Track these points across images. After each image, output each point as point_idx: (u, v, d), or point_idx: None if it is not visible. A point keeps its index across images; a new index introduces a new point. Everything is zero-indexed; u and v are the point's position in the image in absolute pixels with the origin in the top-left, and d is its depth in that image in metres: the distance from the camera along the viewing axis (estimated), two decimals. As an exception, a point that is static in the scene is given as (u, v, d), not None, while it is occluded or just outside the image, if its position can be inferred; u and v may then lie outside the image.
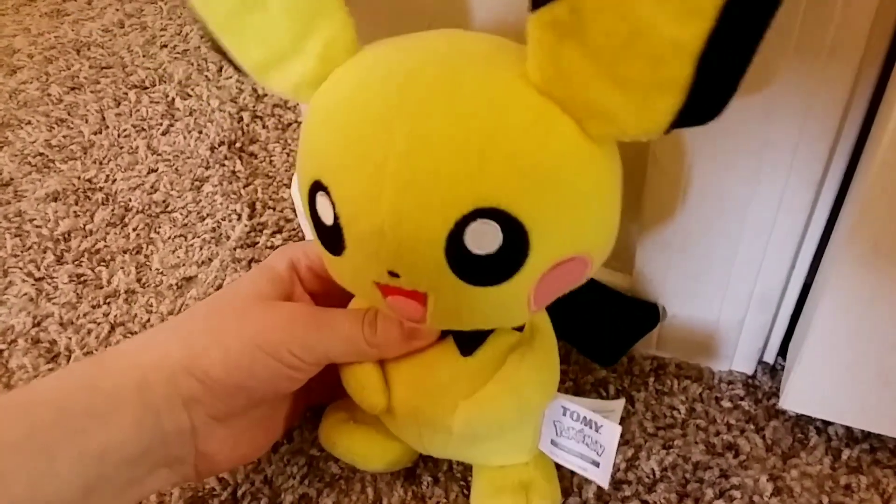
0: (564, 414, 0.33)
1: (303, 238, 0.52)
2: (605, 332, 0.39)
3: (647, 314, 0.39)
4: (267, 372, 0.31)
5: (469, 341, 0.31)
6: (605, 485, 0.32)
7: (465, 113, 0.24)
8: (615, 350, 0.39)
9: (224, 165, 0.58)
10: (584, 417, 0.32)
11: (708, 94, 0.22)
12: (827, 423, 0.39)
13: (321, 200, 0.27)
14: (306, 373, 0.32)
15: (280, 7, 0.27)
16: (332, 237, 0.27)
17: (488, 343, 0.31)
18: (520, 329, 0.32)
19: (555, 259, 0.26)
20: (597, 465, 0.32)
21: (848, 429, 0.39)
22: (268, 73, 0.28)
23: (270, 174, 0.57)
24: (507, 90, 0.25)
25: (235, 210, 0.54)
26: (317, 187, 0.27)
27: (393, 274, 0.26)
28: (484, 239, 0.25)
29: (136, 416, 0.29)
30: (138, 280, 0.50)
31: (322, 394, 0.39)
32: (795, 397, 0.37)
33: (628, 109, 0.23)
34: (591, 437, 0.32)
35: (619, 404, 0.34)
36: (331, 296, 0.34)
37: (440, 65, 0.26)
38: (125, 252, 0.52)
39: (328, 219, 0.27)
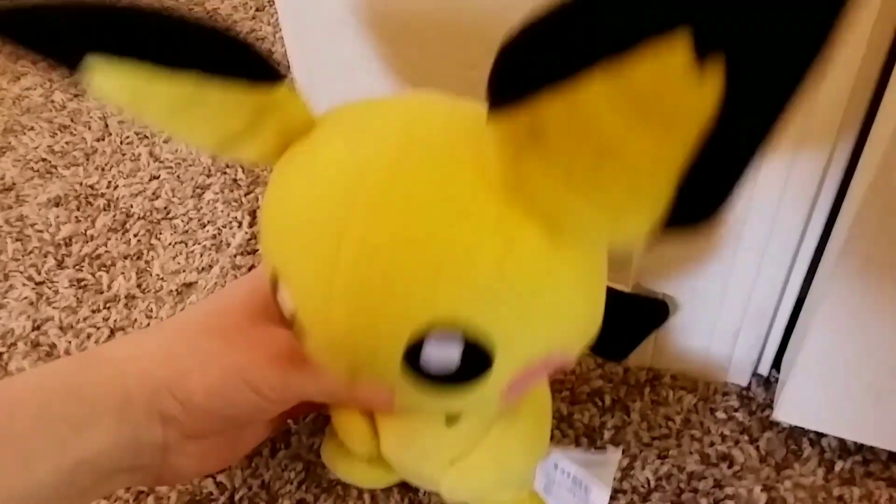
0: (555, 468, 0.32)
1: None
2: (613, 328, 0.38)
3: (655, 310, 0.39)
4: (247, 403, 0.31)
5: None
6: None
7: (417, 220, 0.22)
8: (624, 346, 0.39)
9: (226, 173, 0.58)
10: (574, 477, 0.32)
11: (695, 206, 0.19)
12: (820, 435, 0.39)
13: (281, 290, 0.26)
14: (287, 405, 0.32)
15: (221, 105, 0.24)
16: (294, 328, 0.26)
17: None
18: None
19: (526, 363, 0.25)
20: None
21: (841, 441, 0.39)
22: (224, 151, 0.26)
23: (271, 182, 0.58)
24: (464, 193, 0.22)
25: (236, 217, 0.54)
26: (275, 277, 0.26)
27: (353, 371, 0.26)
28: (441, 354, 0.23)
29: (114, 429, 0.29)
30: (139, 285, 0.51)
31: (308, 407, 0.38)
32: (789, 409, 0.37)
33: (600, 222, 0.21)
34: (580, 494, 0.32)
35: (616, 456, 0.33)
36: None
37: (393, 161, 0.23)
38: (126, 257, 0.52)
39: (287, 312, 0.26)
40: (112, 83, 0.23)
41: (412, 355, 0.23)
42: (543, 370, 0.27)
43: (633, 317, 0.39)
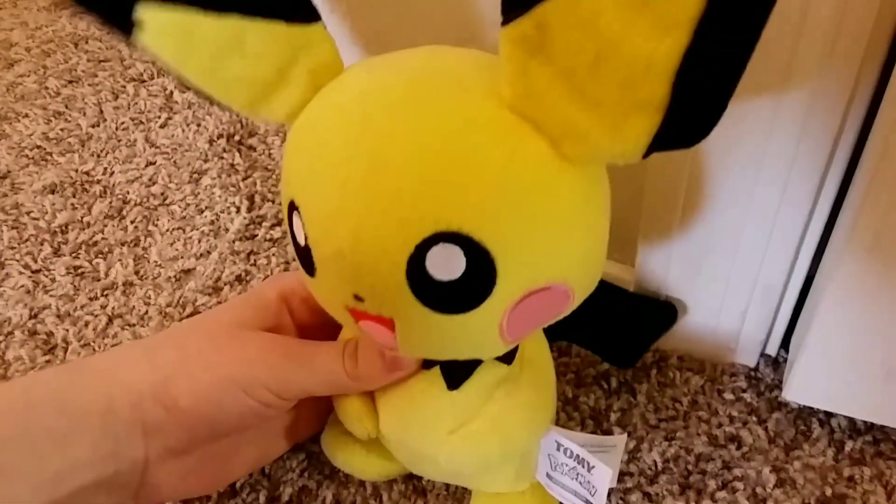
0: (558, 449, 0.32)
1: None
2: (622, 334, 0.38)
3: (663, 313, 0.39)
4: (236, 406, 0.30)
5: (456, 374, 0.30)
6: None
7: (427, 132, 0.23)
8: (633, 351, 0.39)
9: (223, 158, 0.57)
10: (577, 455, 0.31)
11: (689, 116, 0.20)
12: (830, 415, 0.39)
13: (296, 220, 0.26)
14: (279, 409, 0.31)
15: (258, 47, 0.26)
16: (305, 258, 0.26)
17: (475, 376, 0.30)
18: (508, 362, 0.31)
19: (526, 287, 0.25)
20: None
21: (851, 420, 0.38)
22: (257, 108, 0.27)
23: (269, 167, 0.57)
24: (473, 108, 0.23)
25: (234, 203, 0.54)
26: (292, 207, 0.26)
27: (358, 298, 0.25)
28: (446, 264, 0.23)
29: (95, 442, 0.29)
30: (136, 272, 0.50)
31: (309, 428, 0.38)
32: (798, 389, 0.37)
33: (601, 130, 0.22)
34: (583, 476, 0.31)
35: (622, 440, 0.32)
36: (323, 329, 0.33)
37: (408, 84, 0.24)
38: (123, 244, 0.52)
39: (301, 239, 0.26)
40: (160, 33, 0.25)
41: (416, 265, 0.24)
42: (544, 305, 0.26)
43: (641, 320, 0.39)
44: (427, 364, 0.31)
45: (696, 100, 0.20)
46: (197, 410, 0.30)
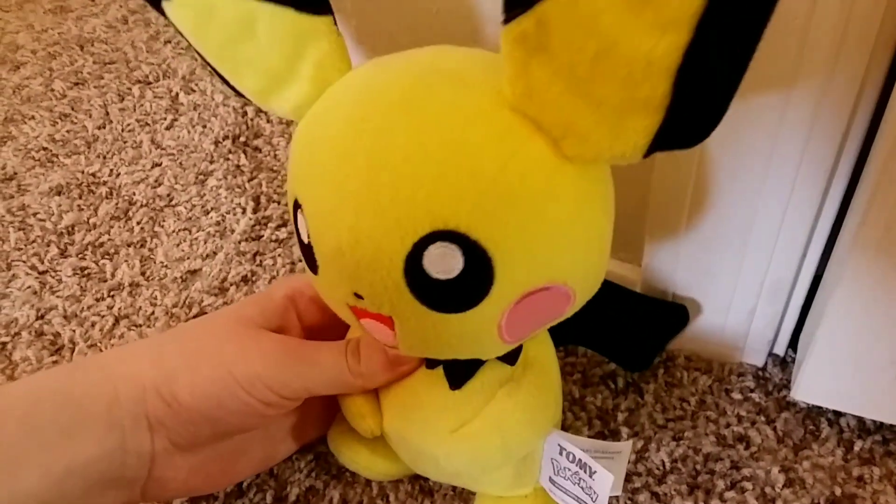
0: (561, 453, 0.31)
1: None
2: (634, 337, 0.38)
3: (674, 315, 0.38)
4: (237, 404, 0.30)
5: (458, 373, 0.30)
6: None
7: (425, 130, 0.23)
8: (645, 355, 0.39)
9: (228, 159, 0.57)
10: (580, 460, 0.31)
11: (690, 115, 0.20)
12: (839, 415, 0.39)
13: (300, 218, 0.26)
14: (280, 409, 0.31)
15: (268, 33, 0.26)
16: (308, 255, 0.27)
17: (478, 376, 0.30)
18: (511, 363, 0.31)
19: (525, 288, 0.25)
20: None
21: (860, 420, 0.38)
22: (267, 97, 0.28)
23: (275, 168, 0.57)
24: (474, 107, 0.23)
25: (240, 204, 0.54)
26: (297, 205, 0.26)
27: (358, 296, 0.25)
28: (443, 263, 0.23)
29: (102, 435, 0.29)
30: (142, 273, 0.50)
31: (317, 430, 0.38)
32: (807, 388, 0.36)
33: (601, 130, 0.22)
34: (585, 480, 0.31)
35: (627, 447, 0.32)
36: (332, 329, 0.33)
37: (410, 82, 0.25)
38: (129, 245, 0.52)
39: (305, 237, 0.26)
40: (184, 6, 0.27)
41: (414, 263, 0.23)
42: (543, 306, 0.26)
43: (652, 323, 0.39)
44: (430, 363, 0.31)
45: (697, 99, 0.20)
46: (196, 406, 0.30)
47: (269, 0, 0.26)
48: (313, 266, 0.27)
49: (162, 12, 0.27)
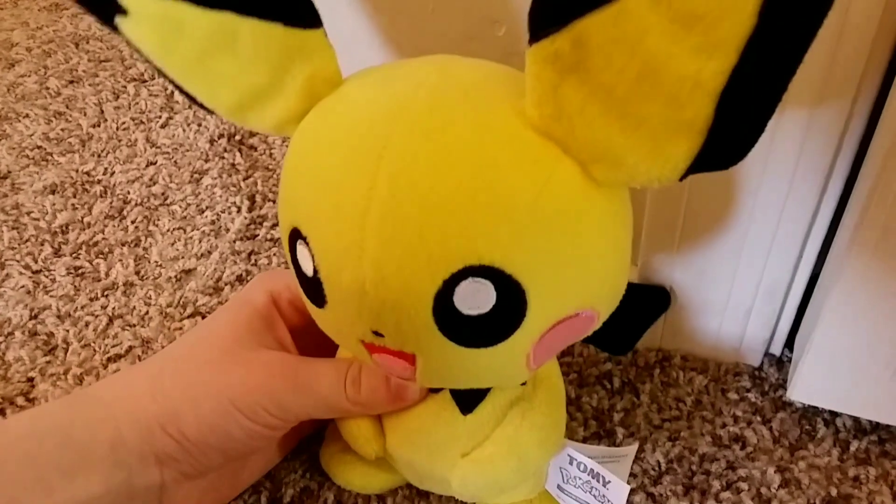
0: (571, 463, 0.31)
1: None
2: (615, 321, 0.38)
3: (656, 298, 0.38)
4: (242, 432, 0.30)
5: (468, 398, 0.29)
6: None
7: (455, 156, 0.21)
8: (628, 339, 0.38)
9: (223, 158, 0.57)
10: (592, 469, 0.30)
11: (731, 138, 0.20)
12: (835, 415, 0.38)
13: (301, 250, 0.24)
14: (284, 429, 0.31)
15: (251, 48, 0.24)
16: (313, 289, 0.25)
17: (489, 398, 0.29)
18: (523, 382, 0.30)
19: (557, 317, 0.24)
20: None
21: (856, 420, 0.38)
22: (244, 114, 0.26)
23: (270, 167, 0.57)
24: (502, 130, 0.22)
25: (235, 202, 0.53)
26: (296, 235, 0.24)
27: (377, 333, 0.24)
28: (476, 299, 0.22)
29: (106, 475, 0.28)
30: (137, 272, 0.50)
31: (313, 424, 0.38)
32: (803, 388, 0.36)
33: (639, 154, 0.21)
34: (598, 489, 0.30)
35: (632, 450, 0.31)
36: (314, 331, 0.32)
37: (429, 99, 0.23)
38: (123, 244, 0.52)
39: (308, 270, 0.24)
40: (146, 21, 0.24)
41: (444, 300, 0.22)
42: (571, 331, 0.25)
43: (634, 306, 0.38)
44: (434, 388, 0.30)
45: (739, 121, 0.19)
46: (205, 441, 0.30)
47: (253, 15, 0.23)
48: (320, 301, 0.25)
49: (115, 29, 0.24)
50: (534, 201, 0.21)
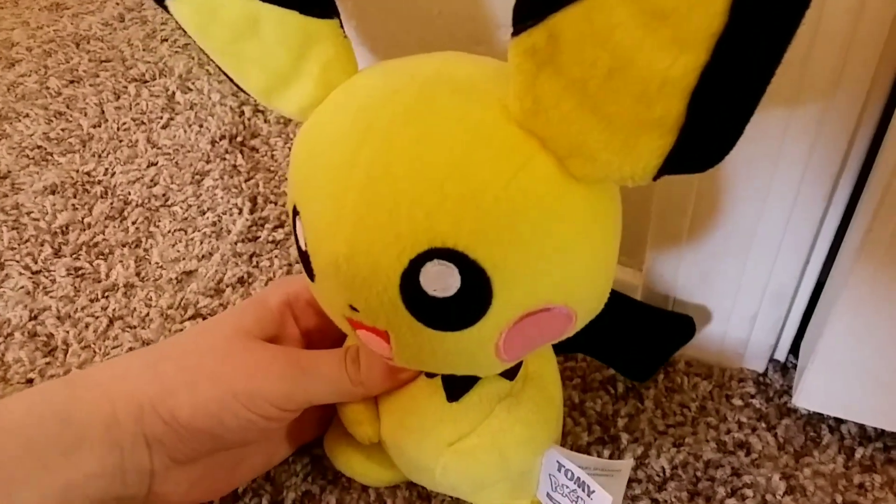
0: (559, 470, 0.31)
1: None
2: (638, 348, 0.37)
3: (680, 327, 0.38)
4: (237, 421, 0.30)
5: (456, 386, 0.30)
6: None
7: (429, 144, 0.22)
8: (650, 366, 0.38)
9: (225, 159, 0.57)
10: (578, 478, 0.30)
11: (704, 138, 0.20)
12: (840, 422, 0.38)
13: (298, 225, 0.26)
14: (280, 422, 0.31)
15: (273, 34, 0.26)
16: (306, 263, 0.26)
17: (476, 389, 0.30)
18: (510, 378, 0.30)
19: (524, 309, 0.24)
20: None
21: (861, 427, 0.38)
22: (271, 96, 0.28)
23: (272, 168, 0.56)
24: (478, 121, 0.23)
25: (236, 204, 0.53)
26: (295, 211, 0.26)
27: (354, 308, 0.25)
28: (440, 281, 0.23)
29: (102, 455, 0.28)
30: (137, 274, 0.49)
31: (314, 431, 0.38)
32: (809, 395, 0.36)
33: (611, 149, 0.21)
34: (583, 499, 0.30)
35: (627, 465, 0.31)
36: (330, 334, 0.33)
37: (416, 91, 0.24)
38: (124, 245, 0.51)
39: (303, 244, 0.26)
40: (186, 5, 0.27)
41: (410, 280, 0.23)
42: (543, 326, 0.25)
43: (658, 334, 0.38)
44: (431, 373, 0.30)
45: (712, 121, 0.19)
46: (196, 424, 0.30)
47: (274, 2, 0.25)
48: (311, 274, 0.26)
49: (166, 9, 0.27)
50: (502, 190, 0.22)
